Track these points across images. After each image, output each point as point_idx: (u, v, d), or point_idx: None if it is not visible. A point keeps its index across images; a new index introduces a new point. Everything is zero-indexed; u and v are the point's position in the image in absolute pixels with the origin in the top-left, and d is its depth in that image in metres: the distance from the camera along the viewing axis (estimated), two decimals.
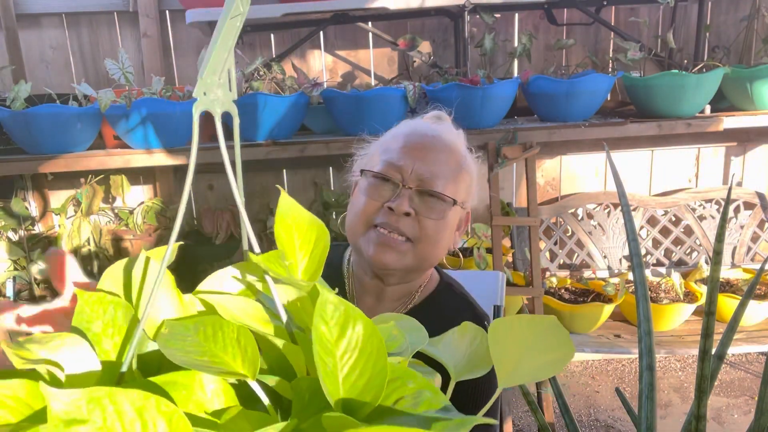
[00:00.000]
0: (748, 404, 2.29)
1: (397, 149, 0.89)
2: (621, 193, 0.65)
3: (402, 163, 0.87)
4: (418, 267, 0.90)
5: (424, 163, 0.87)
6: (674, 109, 2.01)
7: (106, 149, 2.04)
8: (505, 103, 1.98)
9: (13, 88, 1.79)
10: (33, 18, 2.31)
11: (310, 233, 0.40)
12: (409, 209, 0.85)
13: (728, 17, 2.42)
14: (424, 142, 0.89)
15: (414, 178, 0.86)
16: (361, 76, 2.46)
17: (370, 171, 0.89)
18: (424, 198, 0.87)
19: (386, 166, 0.88)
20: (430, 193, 0.86)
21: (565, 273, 2.46)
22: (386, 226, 0.85)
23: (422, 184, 0.86)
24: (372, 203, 0.87)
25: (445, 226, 0.89)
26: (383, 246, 0.85)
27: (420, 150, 0.88)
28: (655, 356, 0.57)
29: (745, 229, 2.50)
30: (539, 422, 0.63)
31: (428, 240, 0.87)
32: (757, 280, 0.54)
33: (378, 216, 0.86)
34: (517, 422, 2.27)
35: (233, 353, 0.34)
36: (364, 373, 0.32)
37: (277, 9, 2.05)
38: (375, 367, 0.32)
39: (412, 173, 0.86)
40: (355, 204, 0.91)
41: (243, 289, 0.41)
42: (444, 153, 0.89)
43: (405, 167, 0.86)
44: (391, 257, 0.85)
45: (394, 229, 0.85)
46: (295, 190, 2.50)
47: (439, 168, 0.87)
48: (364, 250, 0.87)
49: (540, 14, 2.35)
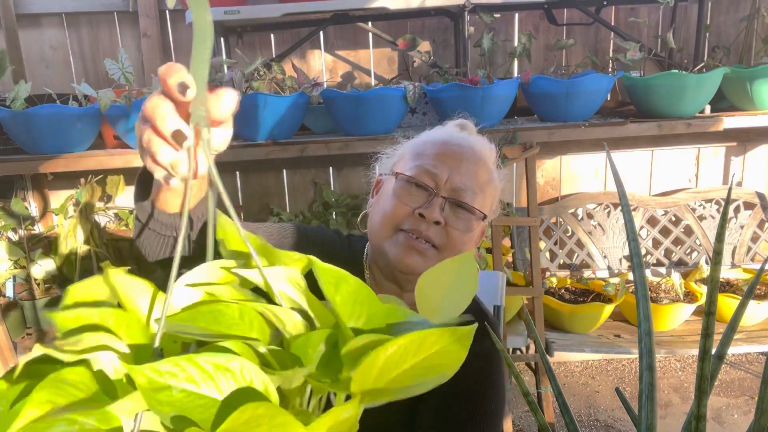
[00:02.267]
0: (748, 404, 2.29)
1: (432, 155, 0.88)
2: (621, 193, 0.65)
3: (437, 170, 0.86)
4: None
5: (459, 173, 0.86)
6: (674, 109, 2.01)
7: (106, 149, 2.03)
8: (505, 103, 1.98)
9: (13, 88, 1.79)
10: (33, 18, 2.31)
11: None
12: (440, 218, 0.84)
13: (728, 17, 2.42)
14: (461, 152, 0.89)
15: (448, 187, 0.86)
16: (361, 76, 2.46)
17: (404, 174, 0.88)
18: (455, 209, 0.86)
19: (420, 172, 0.87)
20: (461, 204, 0.86)
21: (565, 273, 2.46)
22: (414, 232, 0.84)
23: (455, 194, 0.86)
24: (402, 207, 0.86)
25: (470, 238, 0.89)
26: (409, 249, 0.84)
27: (455, 159, 0.88)
28: (655, 356, 0.57)
29: (745, 229, 2.50)
30: (539, 422, 0.63)
31: (453, 250, 0.86)
32: (757, 280, 0.54)
33: (407, 221, 0.85)
34: (517, 422, 2.27)
35: (241, 329, 0.38)
36: (362, 314, 0.39)
37: (277, 9, 2.05)
38: (370, 308, 0.39)
39: (447, 182, 0.86)
40: (382, 205, 0.89)
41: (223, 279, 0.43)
42: (477, 165, 0.89)
43: (440, 175, 0.86)
44: (415, 260, 0.84)
45: (421, 236, 0.84)
46: (295, 190, 2.50)
47: (472, 180, 0.87)
48: (389, 252, 0.86)
49: (540, 14, 2.35)
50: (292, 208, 2.50)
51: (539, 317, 1.99)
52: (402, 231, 0.85)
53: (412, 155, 0.90)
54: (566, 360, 2.66)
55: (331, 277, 0.39)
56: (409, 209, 0.85)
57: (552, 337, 2.10)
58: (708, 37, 2.34)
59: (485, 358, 0.89)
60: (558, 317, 2.20)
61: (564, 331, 2.21)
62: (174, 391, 0.32)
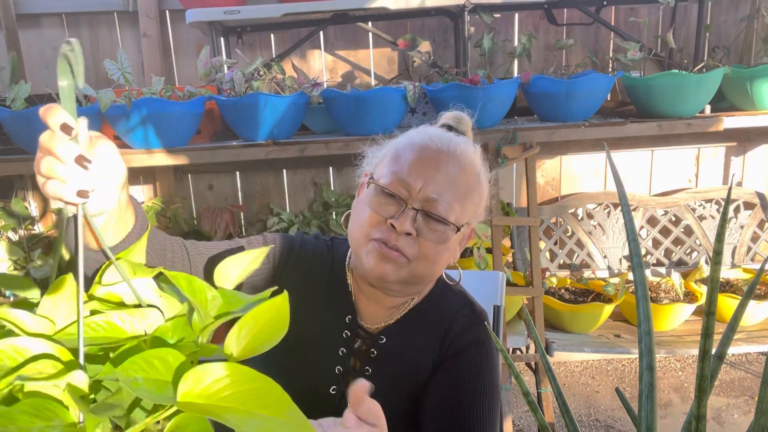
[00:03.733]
0: (748, 404, 2.29)
1: (408, 162, 0.85)
2: (621, 193, 0.65)
3: (410, 179, 0.83)
4: (415, 282, 0.89)
5: (434, 182, 0.83)
6: (674, 109, 2.01)
7: None
8: (505, 103, 1.98)
9: (13, 88, 1.79)
10: (33, 18, 2.31)
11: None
12: (411, 229, 0.82)
13: (728, 17, 2.43)
14: (438, 158, 0.85)
15: (421, 197, 0.83)
16: (361, 76, 2.46)
17: (377, 184, 0.86)
18: (428, 219, 0.84)
19: (394, 180, 0.84)
20: (434, 216, 0.84)
21: (565, 273, 2.46)
22: (385, 241, 0.83)
23: (428, 205, 0.83)
24: (375, 217, 0.84)
25: (446, 248, 0.87)
26: (381, 257, 0.83)
27: (432, 167, 0.84)
28: (655, 356, 0.57)
29: (745, 229, 2.50)
30: (539, 422, 0.63)
31: (426, 260, 0.85)
32: (757, 280, 0.54)
33: (378, 230, 0.84)
34: (517, 422, 2.27)
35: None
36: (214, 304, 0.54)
37: (277, 9, 2.05)
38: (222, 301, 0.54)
39: (420, 192, 0.83)
40: (358, 212, 0.88)
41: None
42: (457, 172, 0.85)
43: (413, 184, 0.83)
44: (386, 269, 0.83)
45: (392, 246, 0.83)
46: (295, 190, 2.50)
47: (449, 188, 0.84)
48: (365, 261, 0.85)
49: (540, 14, 2.36)
50: (292, 208, 2.50)
51: (539, 317, 1.99)
52: (374, 240, 0.84)
53: (391, 159, 0.88)
54: (566, 360, 2.67)
55: (182, 279, 0.51)
56: (382, 219, 0.84)
57: (552, 337, 2.10)
58: (708, 37, 2.34)
59: (477, 344, 0.92)
60: (558, 317, 2.20)
61: (564, 331, 2.21)
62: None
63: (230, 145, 1.96)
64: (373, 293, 0.92)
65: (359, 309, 0.95)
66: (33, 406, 0.40)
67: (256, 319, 0.49)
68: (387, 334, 0.93)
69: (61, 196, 0.53)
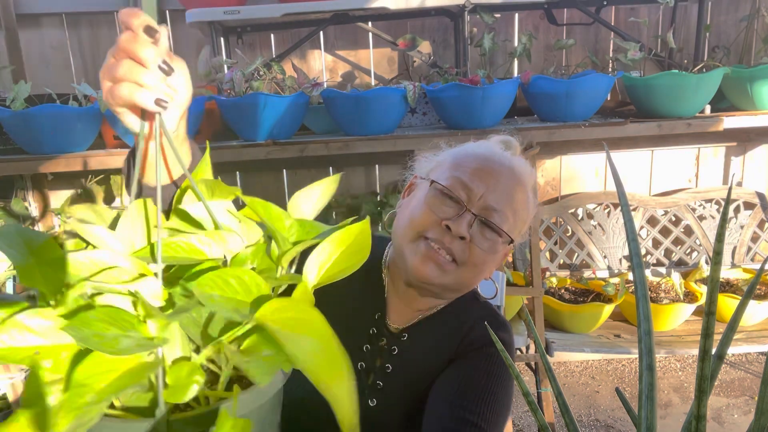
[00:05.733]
0: (748, 404, 2.29)
1: (471, 168, 0.86)
2: (621, 193, 0.65)
3: (473, 185, 0.84)
4: (456, 289, 0.89)
5: (494, 192, 0.84)
6: (674, 109, 2.01)
7: (107, 149, 2.03)
8: (505, 103, 1.98)
9: (13, 88, 1.79)
10: (33, 18, 2.31)
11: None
12: (466, 233, 0.82)
13: (728, 17, 2.42)
14: (500, 171, 0.86)
15: (480, 204, 0.84)
16: (361, 76, 2.46)
17: (439, 183, 0.86)
18: (483, 227, 0.84)
19: (456, 183, 0.85)
20: (491, 225, 0.84)
21: (565, 273, 2.46)
22: (437, 242, 0.83)
23: (486, 213, 0.84)
24: (430, 215, 0.84)
25: (493, 259, 0.87)
26: (428, 259, 0.83)
27: (494, 178, 0.85)
28: (655, 356, 0.57)
29: (745, 229, 2.50)
30: (539, 422, 0.63)
31: (473, 267, 0.85)
32: (757, 280, 0.54)
33: (432, 230, 0.84)
34: (517, 422, 2.27)
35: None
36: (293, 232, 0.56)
37: (277, 9, 2.05)
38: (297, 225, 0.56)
39: (481, 199, 0.84)
40: (411, 209, 0.87)
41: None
42: (515, 188, 0.87)
43: (475, 190, 0.84)
44: (432, 271, 0.83)
45: (443, 248, 0.83)
46: (295, 190, 2.49)
47: (506, 201, 0.85)
48: (409, 258, 0.85)
49: (540, 14, 2.35)
50: None
51: (539, 317, 1.99)
52: (425, 239, 0.84)
53: (451, 164, 0.88)
54: (566, 360, 2.66)
55: (259, 204, 0.53)
56: (437, 219, 0.84)
57: (552, 337, 2.10)
58: (708, 37, 2.34)
59: (496, 346, 0.92)
60: (558, 317, 2.20)
61: (564, 331, 2.21)
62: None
63: (230, 145, 1.96)
64: (406, 293, 0.92)
65: (389, 308, 0.95)
66: (110, 314, 0.39)
67: (337, 244, 0.47)
68: (409, 333, 0.94)
69: (139, 101, 0.49)
